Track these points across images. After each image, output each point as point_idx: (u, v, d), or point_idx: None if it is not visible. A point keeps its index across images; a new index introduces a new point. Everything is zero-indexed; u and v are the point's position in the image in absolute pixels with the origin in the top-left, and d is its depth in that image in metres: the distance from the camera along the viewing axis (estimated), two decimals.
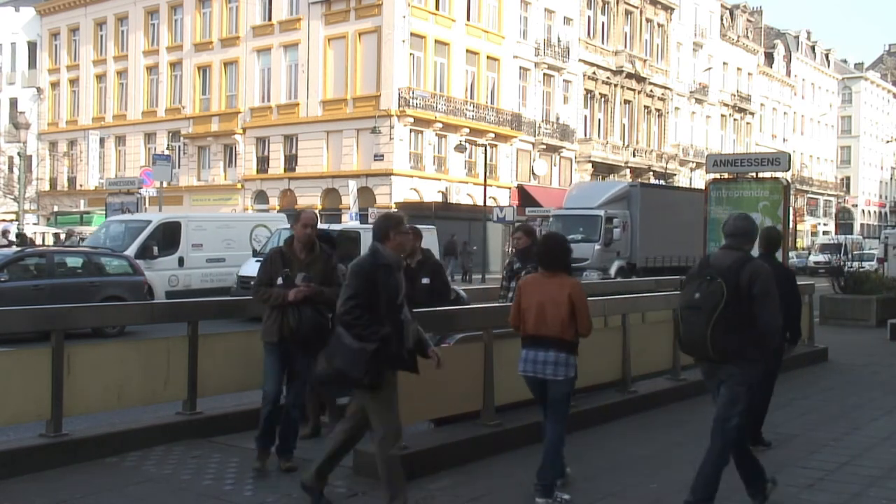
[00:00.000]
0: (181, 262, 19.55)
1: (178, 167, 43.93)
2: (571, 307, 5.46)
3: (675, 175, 54.17)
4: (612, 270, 25.84)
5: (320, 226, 6.71)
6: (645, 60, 52.46)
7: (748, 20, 67.87)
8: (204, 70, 45.74)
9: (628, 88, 51.43)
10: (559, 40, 46.18)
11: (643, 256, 26.94)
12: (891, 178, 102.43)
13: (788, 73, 75.07)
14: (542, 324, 5.53)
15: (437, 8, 40.29)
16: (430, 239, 18.27)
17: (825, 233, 73.48)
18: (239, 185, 43.75)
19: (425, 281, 7.32)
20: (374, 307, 4.94)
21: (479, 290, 13.48)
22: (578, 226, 26.39)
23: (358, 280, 4.99)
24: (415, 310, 5.67)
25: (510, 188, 43.26)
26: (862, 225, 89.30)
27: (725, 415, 5.19)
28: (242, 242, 20.23)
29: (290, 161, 42.31)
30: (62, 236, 34.49)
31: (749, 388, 5.21)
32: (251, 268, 17.54)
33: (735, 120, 64.03)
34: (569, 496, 5.65)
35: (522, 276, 6.93)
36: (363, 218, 35.24)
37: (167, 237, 19.60)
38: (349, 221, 34.58)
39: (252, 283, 6.56)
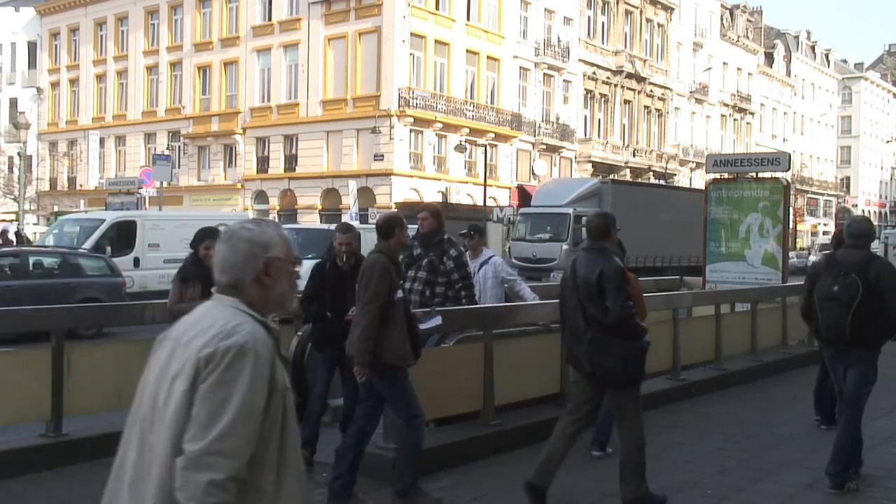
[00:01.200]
0: (137, 262, 18.83)
1: (178, 167, 43.92)
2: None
3: (675, 175, 54.16)
4: None
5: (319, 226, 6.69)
6: (645, 60, 52.46)
7: (748, 20, 67.86)
8: (204, 70, 45.74)
9: (628, 88, 51.42)
10: (559, 40, 46.18)
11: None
12: (891, 178, 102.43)
13: (788, 73, 75.07)
14: None
15: (437, 8, 40.29)
16: None
17: (825, 233, 73.51)
18: (239, 185, 43.75)
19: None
20: None
21: None
22: (546, 224, 25.77)
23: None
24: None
25: (510, 188, 43.25)
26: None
27: (858, 394, 6.10)
28: (175, 244, 17.66)
29: (290, 161, 42.31)
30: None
31: (875, 371, 6.09)
32: None
33: (735, 120, 64.03)
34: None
35: (423, 266, 6.94)
36: (363, 218, 35.23)
37: (122, 237, 18.89)
38: (349, 221, 34.56)
39: None
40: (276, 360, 2.28)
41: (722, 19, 63.00)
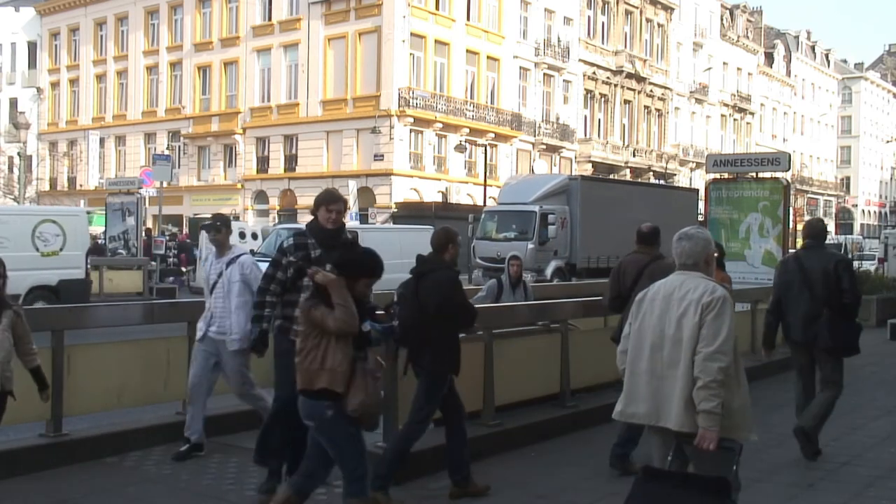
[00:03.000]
0: None
1: (178, 167, 43.91)
2: None
3: (675, 175, 54.16)
4: (549, 272, 23.77)
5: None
6: (645, 60, 52.45)
7: (748, 20, 67.86)
8: (204, 70, 45.74)
9: (628, 88, 51.42)
10: (559, 40, 46.17)
11: (584, 256, 24.61)
12: (891, 178, 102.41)
13: (788, 73, 75.06)
14: None
15: (437, 8, 40.29)
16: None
17: None
18: (239, 185, 43.75)
19: None
20: None
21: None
22: (511, 223, 24.61)
23: None
24: None
25: None
26: (862, 225, 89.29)
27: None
28: (21, 241, 15.52)
29: (290, 161, 42.31)
30: None
31: None
32: None
33: (735, 120, 64.02)
34: None
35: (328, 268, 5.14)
36: (363, 218, 35.24)
37: None
38: (349, 221, 34.57)
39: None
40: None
41: (722, 19, 63.00)
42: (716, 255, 4.80)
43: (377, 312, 4.95)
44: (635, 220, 24.88)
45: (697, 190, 38.64)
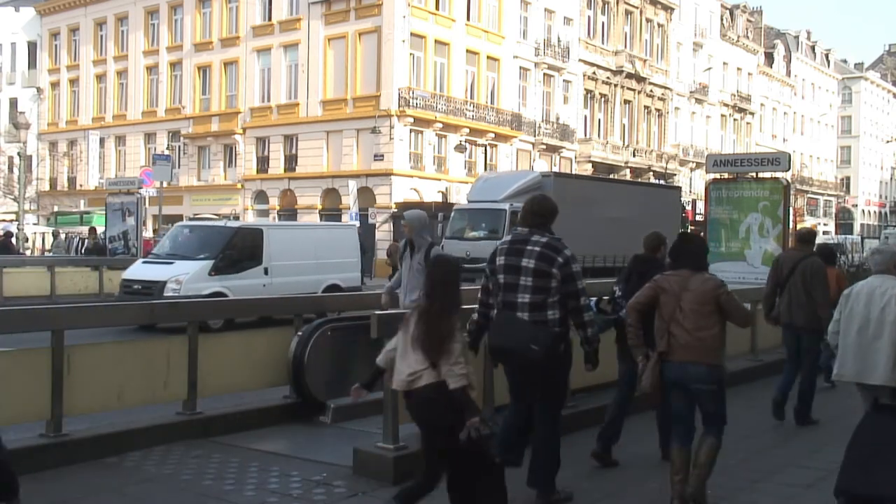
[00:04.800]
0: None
1: (178, 167, 43.92)
2: None
3: (675, 175, 54.16)
4: None
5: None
6: (645, 60, 52.45)
7: (748, 20, 67.85)
8: (204, 70, 45.73)
9: (628, 88, 51.42)
10: (559, 40, 46.17)
11: None
12: (891, 178, 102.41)
13: (788, 73, 75.05)
14: None
15: (437, 8, 40.28)
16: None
17: (825, 233, 73.44)
18: (239, 185, 43.75)
19: None
20: None
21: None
22: (481, 221, 23.97)
23: None
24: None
25: None
26: (862, 225, 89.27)
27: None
28: None
29: (290, 161, 42.30)
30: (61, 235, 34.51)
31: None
32: (138, 270, 16.47)
33: (735, 120, 64.02)
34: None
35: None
36: (363, 218, 35.24)
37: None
38: (349, 221, 34.56)
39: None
40: None
41: (722, 19, 63.00)
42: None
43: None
44: (613, 218, 24.30)
45: (680, 188, 38.16)
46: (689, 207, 49.81)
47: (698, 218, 44.98)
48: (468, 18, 41.66)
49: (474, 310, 5.74)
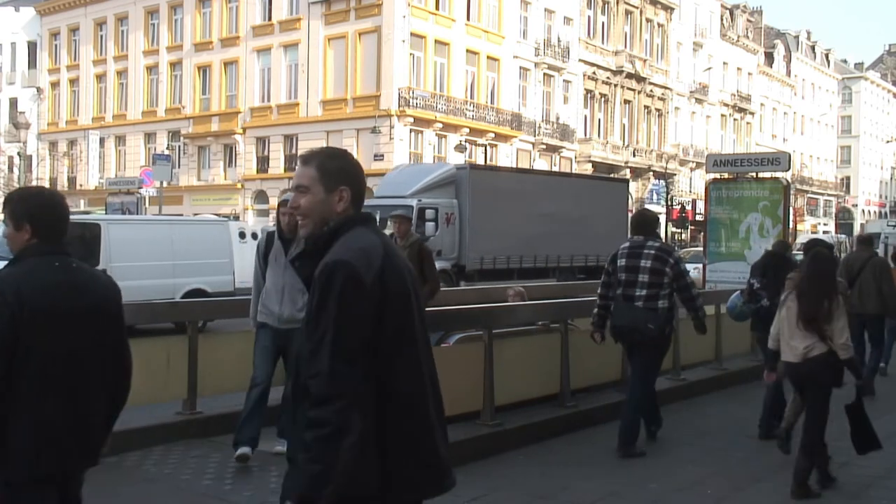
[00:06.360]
0: None
1: (178, 167, 43.92)
2: None
3: (675, 175, 54.17)
4: None
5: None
6: (645, 60, 52.45)
7: (748, 20, 67.85)
8: (204, 70, 45.73)
9: (628, 88, 51.42)
10: (559, 40, 46.17)
11: (475, 257, 21.33)
12: (891, 178, 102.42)
13: (788, 73, 75.04)
14: None
15: (437, 8, 40.28)
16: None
17: (825, 233, 73.43)
18: (239, 185, 43.76)
19: None
20: None
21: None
22: (387, 219, 22.68)
23: None
24: None
25: None
26: (862, 225, 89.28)
27: None
28: None
29: (290, 161, 42.26)
30: None
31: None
32: None
33: (735, 120, 64.02)
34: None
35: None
36: None
37: None
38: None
39: None
40: None
41: (722, 19, 62.99)
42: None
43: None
44: (547, 214, 23.47)
45: (627, 181, 37.14)
46: (689, 207, 49.92)
47: (698, 218, 45.03)
48: (468, 18, 41.66)
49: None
